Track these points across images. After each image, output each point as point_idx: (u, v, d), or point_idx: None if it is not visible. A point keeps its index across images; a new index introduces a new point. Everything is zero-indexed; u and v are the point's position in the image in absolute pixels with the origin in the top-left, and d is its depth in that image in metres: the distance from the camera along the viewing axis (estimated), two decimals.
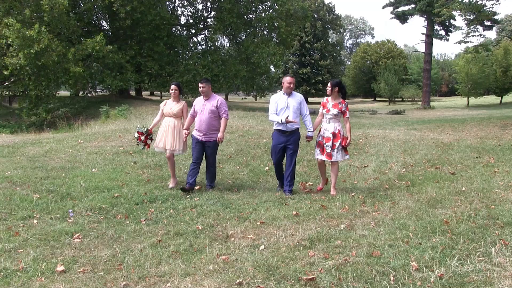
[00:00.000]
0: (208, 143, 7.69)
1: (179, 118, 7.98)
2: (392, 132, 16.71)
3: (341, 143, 7.40)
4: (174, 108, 7.94)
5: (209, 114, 7.63)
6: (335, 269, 4.15)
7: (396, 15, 47.90)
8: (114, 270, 4.32)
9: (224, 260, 4.47)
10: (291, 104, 7.46)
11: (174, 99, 8.03)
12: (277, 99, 7.58)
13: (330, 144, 7.42)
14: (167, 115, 7.96)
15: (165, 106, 8.04)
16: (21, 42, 19.60)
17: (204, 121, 7.64)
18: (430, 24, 44.36)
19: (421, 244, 4.64)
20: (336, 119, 7.50)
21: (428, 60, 45.81)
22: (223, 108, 7.69)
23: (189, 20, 34.02)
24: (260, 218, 6.02)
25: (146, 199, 7.01)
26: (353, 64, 74.55)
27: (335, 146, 7.41)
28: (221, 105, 7.69)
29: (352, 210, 6.38)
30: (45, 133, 18.23)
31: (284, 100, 7.50)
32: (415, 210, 6.13)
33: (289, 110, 7.42)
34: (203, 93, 7.75)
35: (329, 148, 7.43)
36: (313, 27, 60.34)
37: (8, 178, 7.82)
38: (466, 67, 44.93)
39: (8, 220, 5.85)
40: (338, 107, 7.48)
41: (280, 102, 7.51)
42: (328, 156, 7.46)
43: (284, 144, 7.50)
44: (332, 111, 7.47)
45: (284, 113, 7.41)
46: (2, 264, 4.41)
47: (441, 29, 46.22)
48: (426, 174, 8.83)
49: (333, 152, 7.43)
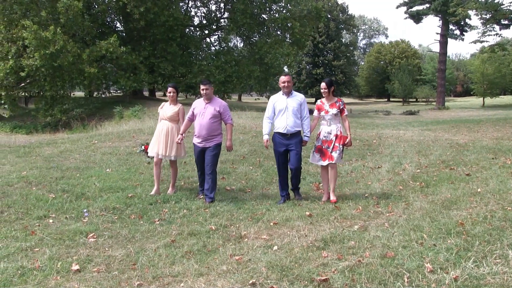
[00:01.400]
0: (209, 147, 7.16)
1: (175, 122, 7.50)
2: (406, 132, 16.60)
3: (342, 143, 7.01)
4: (168, 111, 7.50)
5: (210, 119, 7.12)
6: (349, 270, 4.13)
7: (410, 15, 47.59)
8: (128, 270, 4.35)
9: (238, 260, 4.47)
10: (291, 105, 7.02)
11: (172, 102, 7.57)
12: (275, 100, 7.15)
13: (332, 145, 7.01)
14: (162, 118, 7.54)
15: (162, 109, 7.64)
16: (38, 43, 19.85)
17: (205, 126, 7.12)
18: (445, 23, 43.98)
19: (435, 246, 4.60)
20: (336, 119, 7.06)
21: (443, 60, 45.41)
22: (226, 114, 7.23)
23: (202, 21, 34.13)
24: (274, 218, 6.02)
25: (159, 199, 7.06)
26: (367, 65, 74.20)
27: (337, 147, 6.99)
28: (224, 110, 7.21)
29: (365, 211, 6.35)
30: (60, 134, 18.44)
31: (283, 101, 7.06)
32: (430, 211, 6.08)
33: (288, 112, 6.98)
34: (205, 96, 7.20)
35: (330, 149, 7.01)
36: (327, 28, 60.13)
37: (24, 178, 7.92)
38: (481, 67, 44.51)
39: (24, 219, 5.93)
40: (336, 106, 7.04)
41: (279, 103, 7.07)
42: (331, 158, 6.99)
43: (286, 147, 7.04)
44: (332, 111, 7.01)
45: (283, 116, 6.99)
46: (19, 262, 4.47)
47: (456, 28, 45.77)
48: (440, 175, 8.76)
49: (334, 154, 6.98)
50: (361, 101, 70.83)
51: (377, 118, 31.04)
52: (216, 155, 7.18)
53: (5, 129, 22.51)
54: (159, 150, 7.37)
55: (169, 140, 7.37)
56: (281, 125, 7.01)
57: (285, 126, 6.96)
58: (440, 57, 46.03)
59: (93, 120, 22.07)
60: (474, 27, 33.81)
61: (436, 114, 35.77)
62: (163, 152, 7.36)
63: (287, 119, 6.97)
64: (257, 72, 29.17)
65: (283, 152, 7.09)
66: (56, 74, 22.01)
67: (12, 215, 6.05)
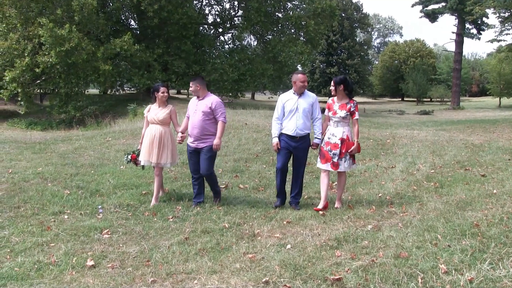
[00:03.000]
0: (202, 148, 6.61)
1: (167, 125, 6.84)
2: (420, 132, 16.48)
3: (345, 150, 6.42)
4: (159, 114, 6.78)
5: (202, 116, 6.58)
6: (362, 270, 4.13)
7: (425, 14, 47.22)
8: (142, 266, 4.40)
9: (251, 258, 4.50)
10: (302, 106, 6.55)
11: (161, 104, 6.84)
12: (285, 100, 6.65)
13: (338, 152, 6.41)
14: (152, 122, 6.80)
15: (149, 112, 6.87)
16: (53, 40, 20.07)
17: (196, 124, 6.62)
18: (461, 22, 43.56)
19: (450, 247, 4.57)
20: (344, 122, 6.47)
21: (458, 60, 45.01)
22: (219, 111, 6.59)
23: (216, 19, 34.16)
24: (287, 217, 6.04)
25: (173, 197, 7.10)
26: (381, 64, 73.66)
27: (343, 154, 6.43)
28: (216, 106, 6.58)
29: (379, 211, 6.34)
30: (74, 130, 18.62)
31: (294, 101, 6.57)
32: (444, 212, 6.04)
33: (298, 114, 6.52)
34: (194, 93, 6.77)
35: (336, 157, 6.42)
36: (341, 26, 59.79)
37: (40, 174, 8.02)
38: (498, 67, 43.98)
39: (40, 215, 6.01)
40: (346, 108, 6.44)
41: (289, 103, 6.57)
42: (334, 166, 6.45)
43: (292, 149, 6.60)
44: (339, 113, 6.44)
45: (292, 118, 6.54)
46: (35, 257, 4.56)
47: (472, 27, 45.28)
48: (455, 175, 8.69)
49: (341, 161, 6.44)
50: (375, 101, 70.42)
51: (391, 118, 30.85)
52: (211, 158, 6.65)
53: (21, 125, 22.77)
54: (152, 158, 6.67)
55: (162, 146, 6.70)
56: (290, 127, 6.55)
57: (295, 129, 6.52)
58: (455, 57, 45.64)
59: (107, 117, 22.24)
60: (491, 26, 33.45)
61: (450, 114, 35.44)
62: (156, 159, 6.66)
63: (297, 121, 6.53)
64: (270, 71, 29.13)
65: (288, 152, 6.63)
66: (70, 71, 22.23)
67: (28, 210, 6.14)
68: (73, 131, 17.89)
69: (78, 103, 23.18)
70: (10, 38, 21.14)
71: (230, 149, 10.85)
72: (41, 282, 4.01)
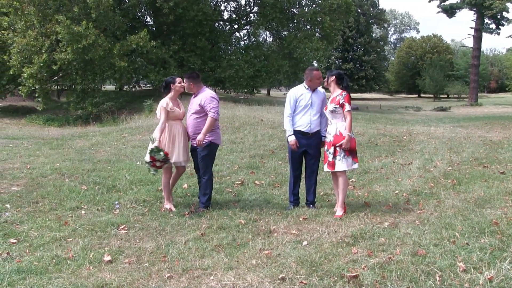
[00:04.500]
0: (197, 147, 6.33)
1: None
2: (437, 129, 16.32)
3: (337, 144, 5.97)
4: (181, 107, 6.49)
5: (193, 114, 6.33)
6: (379, 267, 4.10)
7: (443, 9, 46.56)
8: (159, 262, 4.43)
9: (267, 255, 4.50)
10: (316, 101, 6.34)
11: (177, 97, 6.53)
12: (298, 94, 6.39)
13: (332, 150, 6.04)
14: (175, 119, 6.39)
15: (173, 108, 6.34)
16: (70, 37, 20.27)
17: (189, 123, 6.39)
18: (480, 17, 42.86)
19: (468, 245, 4.52)
20: (336, 117, 6.04)
21: (477, 55, 44.34)
22: (208, 106, 6.18)
23: (232, 15, 34.17)
24: (303, 213, 6.02)
25: (189, 193, 7.14)
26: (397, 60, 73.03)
27: (338, 151, 6.00)
28: (205, 103, 6.20)
29: (396, 208, 6.30)
30: (91, 127, 18.78)
31: (308, 97, 6.34)
32: (462, 209, 5.98)
33: (312, 109, 6.32)
34: (187, 91, 6.53)
35: (331, 156, 6.04)
36: (357, 22, 59.43)
37: (58, 170, 8.11)
38: None
39: (58, 210, 6.08)
40: (336, 101, 6.03)
41: (304, 99, 6.34)
42: (330, 165, 6.06)
43: (305, 147, 6.38)
44: (329, 107, 6.08)
45: (306, 113, 6.31)
46: (53, 251, 4.61)
47: (491, 22, 44.50)
48: (473, 172, 8.58)
49: (336, 160, 6.01)
50: (391, 97, 69.86)
51: (407, 114, 30.58)
52: (206, 157, 6.33)
53: (39, 121, 23.06)
54: (180, 157, 6.35)
55: (182, 143, 6.39)
56: (303, 122, 6.33)
57: (309, 124, 6.31)
58: (473, 52, 44.94)
59: (123, 113, 22.41)
60: None
61: (468, 111, 35.00)
62: (176, 158, 6.31)
63: (311, 116, 6.32)
64: (286, 67, 29.09)
65: (301, 153, 6.43)
66: (87, 68, 22.43)
67: (46, 205, 6.21)
68: (90, 127, 18.05)
69: (94, 100, 23.38)
70: (28, 35, 21.37)
71: (246, 145, 10.86)
72: (59, 277, 4.06)
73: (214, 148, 6.45)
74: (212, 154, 6.45)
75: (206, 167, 6.37)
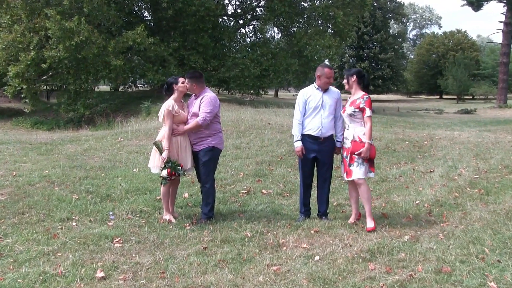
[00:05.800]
0: (199, 152, 6.31)
1: None
2: (462, 133, 16.26)
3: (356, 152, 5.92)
4: (186, 110, 6.47)
5: (192, 117, 6.30)
6: (399, 285, 4.07)
7: (468, 2, 46.53)
8: (157, 279, 4.41)
9: (276, 271, 4.47)
10: (328, 102, 6.22)
11: (181, 98, 6.52)
12: (307, 95, 6.30)
13: (349, 156, 6.04)
14: (181, 122, 6.33)
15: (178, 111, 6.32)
16: (61, 34, 20.32)
17: None
18: (510, 10, 42.72)
19: (500, 262, 4.47)
20: (354, 121, 6.00)
21: (506, 52, 44.14)
22: (202, 107, 6.19)
23: (237, 10, 34.25)
24: (314, 225, 5.98)
25: (190, 202, 7.12)
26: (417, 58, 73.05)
27: (354, 158, 5.97)
28: (203, 105, 6.21)
29: (416, 220, 6.26)
30: (83, 130, 18.85)
31: (318, 97, 6.23)
32: (491, 222, 5.92)
33: (324, 111, 6.19)
34: (190, 92, 6.49)
35: (348, 163, 6.06)
36: (373, 17, 59.46)
37: (47, 177, 8.11)
38: None
39: (46, 221, 6.07)
40: (356, 104, 5.98)
41: (313, 100, 6.23)
42: (348, 173, 6.05)
43: (316, 154, 6.28)
44: (347, 111, 6.03)
45: (317, 115, 6.20)
46: (41, 267, 4.59)
47: None
48: (503, 181, 8.53)
49: (353, 167, 5.98)
50: (410, 98, 69.77)
51: (428, 117, 30.50)
52: (208, 163, 6.31)
53: (26, 124, 23.19)
54: (188, 164, 6.34)
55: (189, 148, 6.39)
56: (314, 125, 6.23)
57: (319, 127, 6.19)
58: (502, 49, 44.76)
59: (118, 116, 22.45)
60: None
61: (496, 113, 34.85)
62: (191, 164, 6.38)
63: (322, 119, 6.20)
64: (295, 66, 29.05)
65: (312, 159, 6.33)
66: (79, 67, 22.48)
67: (33, 216, 6.20)
68: (82, 131, 18.10)
69: (87, 101, 23.46)
70: (14, 30, 21.48)
71: (252, 151, 10.83)
72: None
73: (216, 154, 6.43)
74: (214, 160, 6.44)
75: (207, 174, 6.35)
